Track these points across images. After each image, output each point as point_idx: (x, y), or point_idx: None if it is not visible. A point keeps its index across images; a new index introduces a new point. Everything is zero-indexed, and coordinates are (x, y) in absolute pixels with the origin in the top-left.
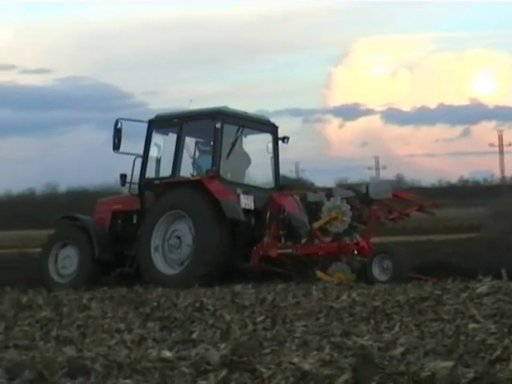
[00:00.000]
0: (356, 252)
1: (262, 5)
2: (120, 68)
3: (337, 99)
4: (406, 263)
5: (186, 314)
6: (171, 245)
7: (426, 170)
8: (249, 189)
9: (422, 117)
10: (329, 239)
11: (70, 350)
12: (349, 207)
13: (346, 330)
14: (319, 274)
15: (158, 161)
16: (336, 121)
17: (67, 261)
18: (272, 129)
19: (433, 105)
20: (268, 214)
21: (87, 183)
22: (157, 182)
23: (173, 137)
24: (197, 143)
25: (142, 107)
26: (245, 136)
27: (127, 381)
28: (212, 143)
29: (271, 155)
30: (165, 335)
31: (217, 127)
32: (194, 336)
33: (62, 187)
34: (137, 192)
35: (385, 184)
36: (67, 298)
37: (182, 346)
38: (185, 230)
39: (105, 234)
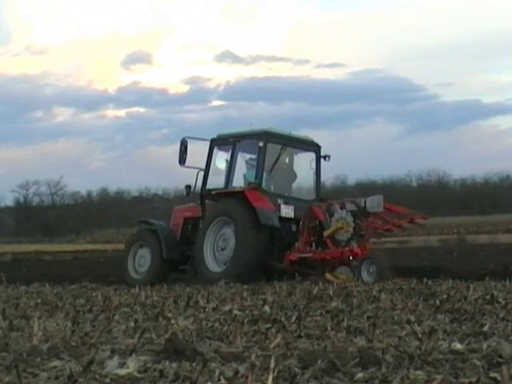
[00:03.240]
0: (351, 258)
1: None
2: (413, 60)
3: None
4: (388, 268)
5: (477, 307)
6: (219, 246)
7: None
8: (290, 200)
9: None
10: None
11: (360, 341)
12: (352, 219)
13: None
14: (328, 275)
15: (217, 174)
16: None
17: (142, 259)
18: (315, 148)
19: None
20: (301, 222)
21: (376, 176)
22: (213, 192)
23: (229, 153)
24: (247, 159)
25: (435, 100)
26: (295, 154)
27: (418, 372)
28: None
29: (314, 171)
30: (455, 327)
31: (260, 146)
32: (485, 329)
33: (351, 180)
34: (199, 201)
35: (377, 199)
36: (357, 290)
37: (472, 338)
38: (230, 234)
39: (172, 237)
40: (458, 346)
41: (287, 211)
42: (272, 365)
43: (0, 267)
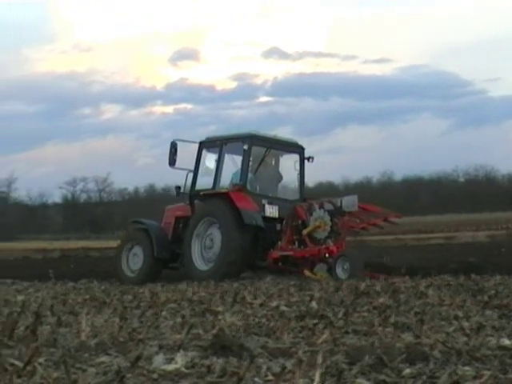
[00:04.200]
0: (327, 255)
1: None
2: (460, 55)
3: None
4: (361, 265)
5: None
6: (206, 245)
7: None
8: (275, 200)
9: None
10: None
11: (407, 336)
12: (329, 218)
13: None
14: (306, 272)
15: (205, 175)
16: None
17: (135, 258)
18: (299, 150)
19: None
20: (284, 222)
21: (423, 172)
22: (201, 193)
23: (216, 156)
24: (235, 161)
25: (482, 95)
26: (281, 156)
27: (466, 368)
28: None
29: (298, 172)
30: (503, 323)
31: (245, 148)
32: None
33: (398, 175)
34: (188, 201)
35: (352, 199)
36: (404, 286)
37: None
38: (216, 233)
39: (163, 236)
40: (506, 341)
41: (271, 211)
42: (319, 361)
43: (48, 264)
